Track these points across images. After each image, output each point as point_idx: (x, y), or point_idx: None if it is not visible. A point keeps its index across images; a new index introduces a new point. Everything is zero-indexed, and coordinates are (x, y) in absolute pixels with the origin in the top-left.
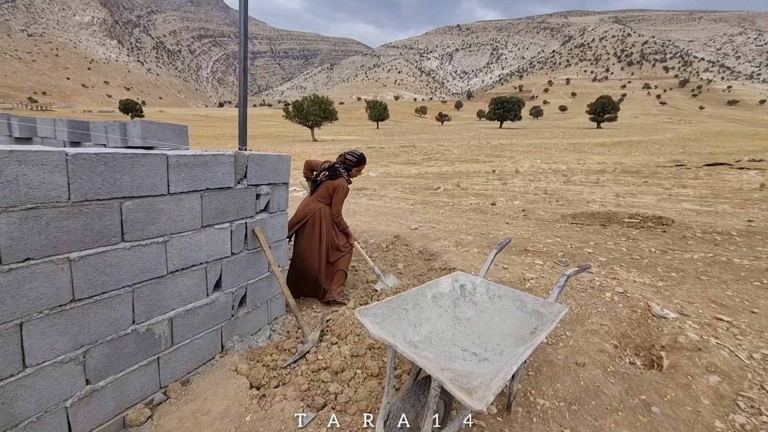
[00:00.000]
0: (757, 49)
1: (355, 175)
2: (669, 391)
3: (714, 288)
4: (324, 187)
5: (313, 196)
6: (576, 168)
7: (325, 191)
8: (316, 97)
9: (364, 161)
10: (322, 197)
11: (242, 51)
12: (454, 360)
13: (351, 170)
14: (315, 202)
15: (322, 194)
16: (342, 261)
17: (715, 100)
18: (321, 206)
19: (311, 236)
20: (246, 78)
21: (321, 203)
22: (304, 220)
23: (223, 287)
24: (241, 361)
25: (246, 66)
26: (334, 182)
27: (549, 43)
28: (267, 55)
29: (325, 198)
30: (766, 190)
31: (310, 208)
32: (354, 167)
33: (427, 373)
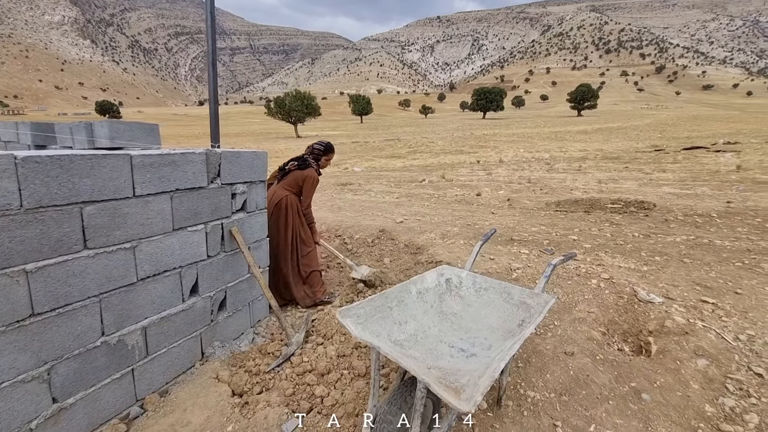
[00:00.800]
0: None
1: (325, 165)
2: (658, 377)
3: (697, 270)
4: (292, 177)
5: (280, 184)
6: (558, 156)
7: (293, 181)
8: (298, 93)
9: (332, 150)
10: (289, 186)
11: (210, 43)
12: (441, 357)
13: (320, 160)
14: (282, 189)
15: (290, 183)
16: (311, 259)
17: (691, 86)
18: (287, 194)
19: (276, 226)
20: (215, 72)
21: (288, 191)
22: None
23: (200, 292)
24: (223, 368)
25: (215, 59)
26: (303, 172)
27: (528, 33)
28: (246, 50)
29: (293, 187)
30: (742, 172)
31: (277, 195)
32: (323, 156)
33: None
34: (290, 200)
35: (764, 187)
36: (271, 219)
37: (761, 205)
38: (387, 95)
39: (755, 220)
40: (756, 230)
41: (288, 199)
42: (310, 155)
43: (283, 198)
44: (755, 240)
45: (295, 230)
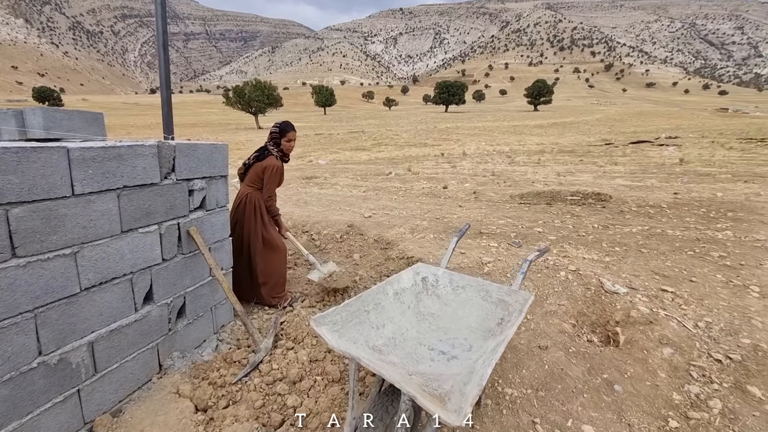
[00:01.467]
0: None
1: (288, 148)
2: (628, 368)
3: (655, 260)
4: (253, 171)
5: (244, 181)
6: (518, 149)
7: (254, 174)
8: (258, 82)
9: (290, 128)
10: (252, 182)
11: (160, 23)
12: (422, 362)
13: (280, 144)
14: (245, 186)
15: (252, 178)
16: (275, 260)
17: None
18: (249, 192)
19: (241, 226)
20: (167, 56)
21: (250, 188)
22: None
23: (155, 299)
24: (184, 381)
25: (166, 42)
26: (262, 163)
27: (488, 28)
28: (201, 36)
29: (255, 182)
30: (685, 165)
31: (240, 194)
32: (281, 138)
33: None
34: (252, 198)
35: (705, 179)
36: (234, 218)
37: (704, 195)
38: (350, 87)
39: (700, 210)
40: (702, 220)
41: (249, 197)
42: (270, 142)
43: (245, 196)
44: (702, 229)
45: (256, 230)
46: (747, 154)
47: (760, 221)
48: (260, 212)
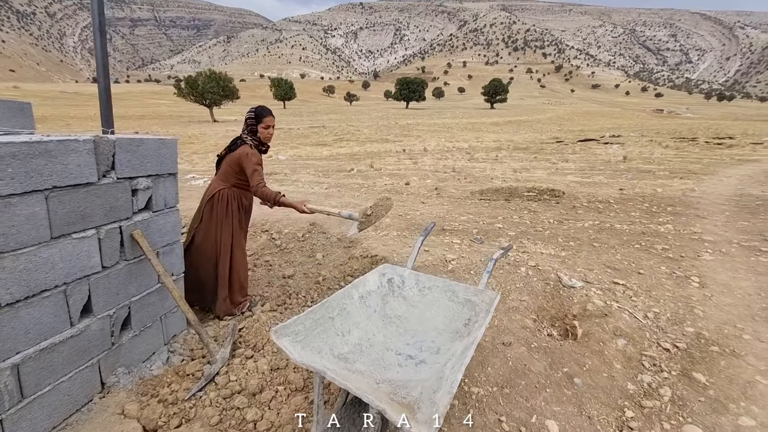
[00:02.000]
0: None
1: (266, 136)
2: (586, 360)
3: (606, 253)
4: (225, 163)
5: (216, 176)
6: (477, 146)
7: (227, 167)
8: (212, 73)
9: (266, 113)
10: (225, 177)
11: (95, 5)
12: (390, 368)
13: (257, 131)
14: (217, 182)
15: (225, 173)
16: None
17: (583, 84)
18: (222, 188)
19: (208, 225)
20: (104, 41)
21: (223, 184)
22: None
23: (94, 311)
24: (130, 400)
25: (103, 24)
26: (235, 153)
27: (447, 27)
28: (150, 23)
29: (229, 177)
30: (628, 162)
31: (211, 190)
32: (258, 125)
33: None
34: (224, 195)
35: (646, 175)
36: (203, 216)
37: (646, 191)
38: (311, 81)
39: (644, 205)
40: (646, 214)
41: (222, 194)
42: (246, 129)
43: (217, 192)
44: (646, 223)
45: (229, 232)
46: (681, 152)
47: (696, 215)
48: (233, 212)
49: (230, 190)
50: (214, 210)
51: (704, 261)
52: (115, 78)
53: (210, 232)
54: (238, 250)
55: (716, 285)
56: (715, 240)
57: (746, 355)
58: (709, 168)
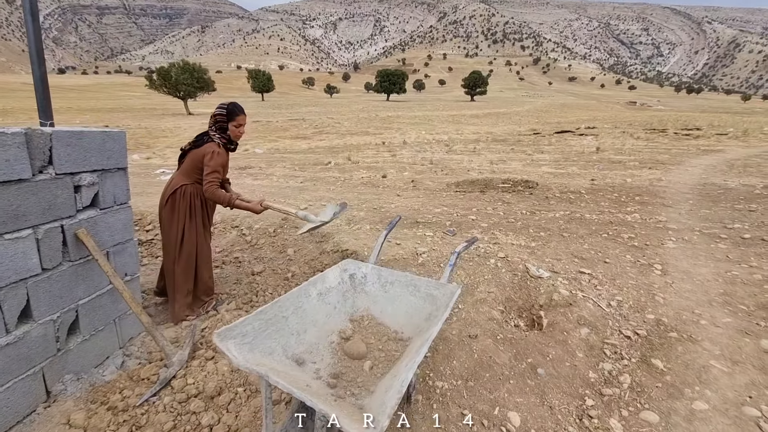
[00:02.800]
0: (588, 34)
1: (237, 134)
2: (550, 350)
3: (575, 243)
4: (189, 158)
5: (178, 171)
6: (456, 138)
7: (190, 163)
8: (186, 64)
9: (238, 110)
10: (187, 172)
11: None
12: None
13: (227, 129)
14: (179, 177)
15: (188, 168)
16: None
17: (560, 77)
18: (185, 184)
19: (170, 222)
20: (37, 25)
21: (185, 180)
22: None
23: (35, 316)
24: (78, 408)
25: (34, 6)
26: (201, 150)
27: (427, 18)
28: (119, 11)
29: (191, 173)
30: (600, 153)
31: (172, 185)
32: (229, 122)
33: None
34: (187, 192)
35: (617, 165)
36: (164, 212)
37: (616, 181)
38: (289, 72)
39: (613, 195)
40: (614, 204)
41: (184, 190)
42: (214, 126)
43: (179, 188)
44: (614, 213)
45: (188, 231)
46: (651, 143)
47: (662, 204)
48: (196, 209)
49: (193, 186)
50: (176, 206)
51: (667, 249)
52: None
53: (172, 230)
54: (203, 249)
55: (677, 272)
56: (678, 228)
57: (702, 340)
58: (676, 158)
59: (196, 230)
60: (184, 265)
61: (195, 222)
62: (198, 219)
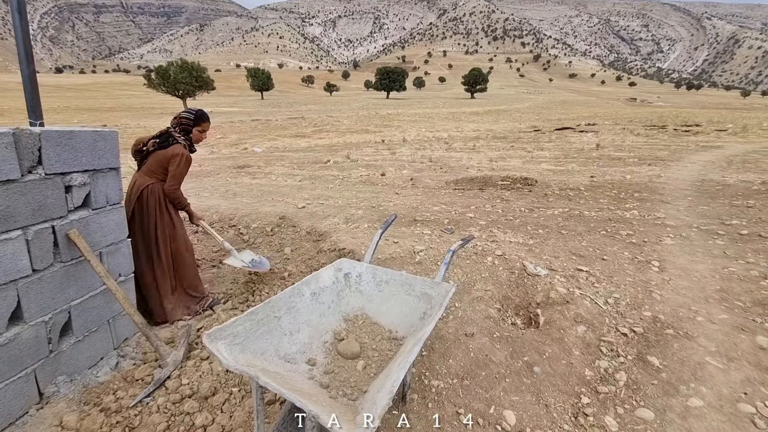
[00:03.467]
0: (589, 30)
1: (199, 138)
2: (547, 348)
3: (573, 240)
4: (154, 159)
5: (141, 170)
6: (456, 135)
7: (156, 163)
8: (185, 63)
9: (204, 119)
10: (152, 171)
11: None
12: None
13: (190, 132)
14: (143, 177)
15: (153, 168)
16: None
17: (560, 74)
18: (150, 183)
19: (140, 224)
20: (25, 23)
21: (150, 179)
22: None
23: (25, 318)
24: (70, 410)
25: (22, 4)
26: (167, 151)
27: (426, 15)
28: (116, 9)
29: (156, 172)
30: (601, 150)
31: (138, 185)
32: (194, 127)
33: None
34: (155, 190)
35: (617, 162)
36: (133, 215)
37: (616, 178)
38: (289, 70)
39: (612, 192)
40: (613, 201)
41: (152, 189)
42: (177, 127)
43: (145, 188)
44: (613, 209)
45: (161, 228)
46: (651, 139)
47: (660, 200)
48: (167, 207)
49: (160, 184)
50: (145, 206)
51: (665, 245)
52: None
53: (144, 230)
54: (179, 244)
55: (675, 269)
56: (676, 225)
57: (698, 337)
58: (675, 154)
59: (168, 226)
60: (165, 264)
61: (165, 219)
62: (167, 216)
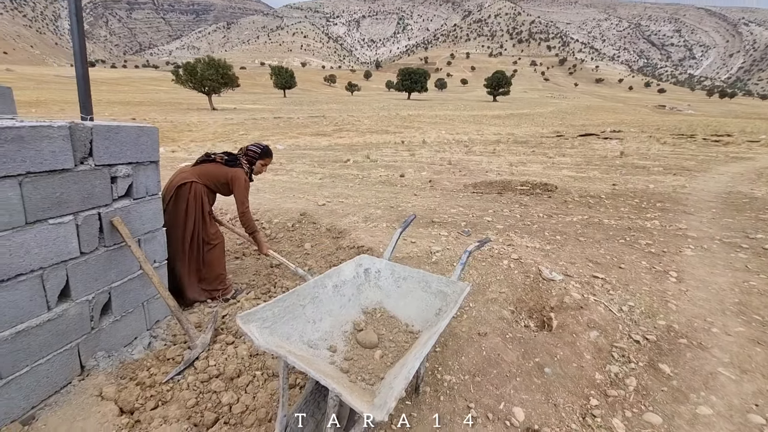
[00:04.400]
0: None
1: (260, 170)
2: (558, 351)
3: (590, 248)
4: (214, 168)
5: (193, 168)
6: (476, 139)
7: (213, 173)
8: (211, 60)
9: (269, 154)
10: (204, 175)
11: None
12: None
13: (254, 164)
14: (191, 174)
15: (207, 173)
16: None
17: (586, 78)
18: (195, 182)
19: (176, 215)
20: (81, 28)
21: (197, 179)
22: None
23: (72, 296)
24: (109, 382)
25: (79, 9)
26: (230, 170)
27: (451, 17)
28: (148, 6)
29: (208, 178)
30: (625, 157)
31: (181, 179)
32: (258, 160)
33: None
34: (196, 189)
35: (641, 171)
36: (169, 205)
37: (638, 187)
38: (312, 69)
39: (634, 200)
40: (634, 210)
41: (194, 186)
42: (243, 156)
43: (189, 184)
44: (634, 218)
45: (197, 224)
46: (678, 148)
47: (683, 211)
48: (203, 205)
49: (202, 187)
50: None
51: (685, 256)
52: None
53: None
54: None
55: (693, 280)
56: (698, 236)
57: (712, 348)
58: (703, 165)
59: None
60: (194, 253)
61: (196, 214)
62: (200, 212)
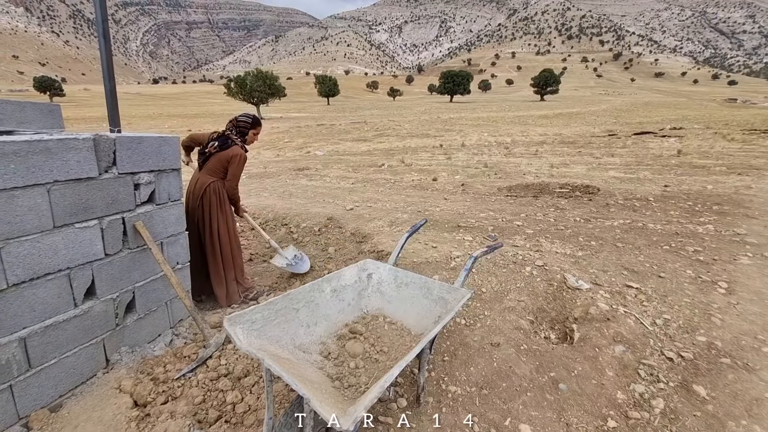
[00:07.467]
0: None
1: (252, 140)
2: (577, 366)
3: (628, 255)
4: (215, 159)
5: (203, 170)
6: (519, 140)
7: (217, 164)
8: (259, 72)
9: (259, 123)
10: (213, 171)
11: (98, 7)
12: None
13: (246, 134)
14: (205, 176)
15: (214, 167)
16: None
17: (644, 73)
18: (212, 181)
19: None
20: (109, 44)
21: (212, 178)
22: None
23: (98, 294)
24: (128, 376)
25: (105, 25)
26: (227, 152)
27: (495, 17)
28: (204, 25)
29: (217, 172)
30: (682, 156)
31: (200, 183)
32: (250, 130)
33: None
34: (216, 188)
35: (699, 171)
36: (192, 209)
37: (694, 188)
38: (354, 76)
39: (687, 203)
40: (686, 213)
41: (212, 187)
42: (234, 129)
43: (207, 186)
44: (684, 223)
45: (218, 224)
46: (747, 145)
47: (744, 215)
48: (225, 203)
49: (220, 182)
50: (208, 202)
51: (739, 265)
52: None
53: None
54: (234, 236)
55: (746, 292)
56: (759, 243)
57: (760, 370)
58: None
59: (227, 220)
60: (226, 255)
61: (224, 213)
62: (226, 210)
